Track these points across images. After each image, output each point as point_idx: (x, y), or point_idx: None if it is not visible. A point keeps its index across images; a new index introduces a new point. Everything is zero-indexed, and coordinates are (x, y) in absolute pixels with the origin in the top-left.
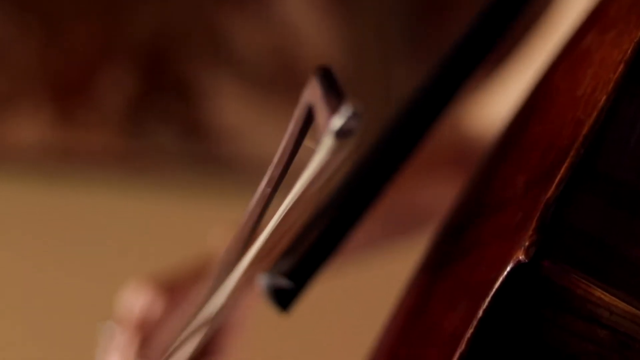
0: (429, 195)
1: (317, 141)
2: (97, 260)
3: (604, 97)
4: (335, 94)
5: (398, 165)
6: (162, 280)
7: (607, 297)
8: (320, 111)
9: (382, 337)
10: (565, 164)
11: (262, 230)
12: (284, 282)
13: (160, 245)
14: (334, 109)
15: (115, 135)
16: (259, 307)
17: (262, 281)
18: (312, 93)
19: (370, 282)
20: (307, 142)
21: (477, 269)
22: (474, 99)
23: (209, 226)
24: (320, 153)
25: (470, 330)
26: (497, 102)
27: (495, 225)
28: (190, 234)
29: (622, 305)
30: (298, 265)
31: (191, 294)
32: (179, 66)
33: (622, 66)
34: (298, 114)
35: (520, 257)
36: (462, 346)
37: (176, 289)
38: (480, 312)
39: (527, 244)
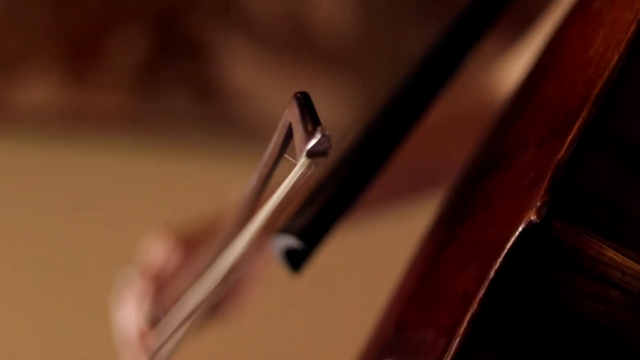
0: (444, 158)
1: (294, 156)
2: (107, 221)
3: (616, 57)
4: (310, 119)
5: (409, 125)
6: (181, 234)
7: (619, 258)
8: (297, 132)
9: (393, 298)
10: (577, 124)
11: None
12: (295, 243)
13: (170, 205)
14: (308, 133)
15: (126, 96)
16: (271, 266)
17: (274, 242)
18: (291, 113)
19: (381, 243)
20: (286, 154)
21: (488, 229)
22: (491, 64)
23: (219, 186)
24: (296, 169)
25: (482, 291)
26: (515, 67)
27: (506, 184)
28: (201, 194)
29: (635, 266)
30: (309, 225)
31: (204, 249)
32: (191, 27)
33: (633, 26)
34: (280, 128)
35: (532, 218)
36: (474, 307)
37: (193, 243)
38: (492, 273)
39: (538, 204)
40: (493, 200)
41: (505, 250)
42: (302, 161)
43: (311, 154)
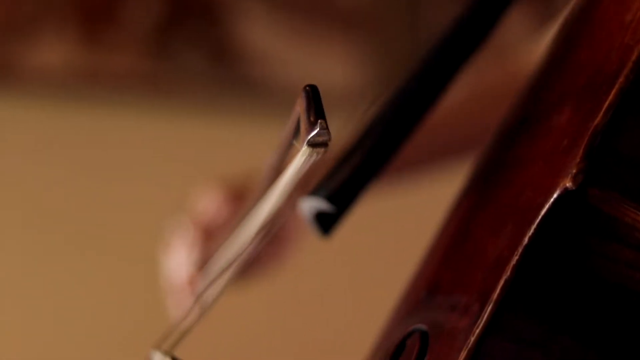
0: (477, 124)
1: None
2: (122, 182)
3: None
4: (314, 111)
5: (442, 88)
6: (233, 187)
7: None
8: (302, 122)
9: (423, 261)
10: (614, 90)
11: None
12: (325, 206)
13: (185, 167)
14: (311, 124)
15: (141, 57)
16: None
17: (304, 205)
18: (300, 104)
19: (412, 206)
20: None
21: (522, 194)
22: (529, 34)
23: (234, 147)
24: (299, 156)
25: (516, 258)
26: (547, 35)
27: (539, 149)
28: (216, 156)
29: None
30: (340, 188)
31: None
32: None
33: None
34: (291, 119)
35: (568, 185)
36: (508, 273)
37: (244, 197)
38: (526, 239)
39: (574, 171)
40: (526, 165)
41: (540, 217)
42: (304, 149)
43: (311, 143)
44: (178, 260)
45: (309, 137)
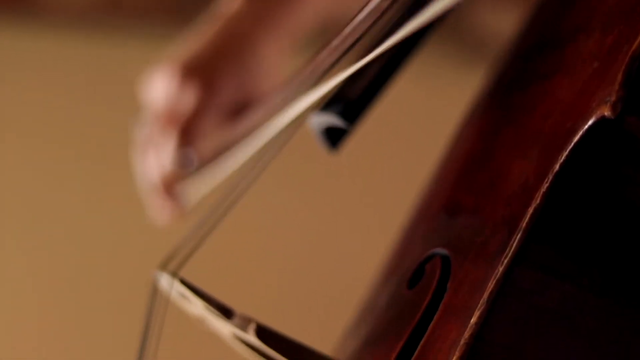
0: None
1: None
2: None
3: None
4: None
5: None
6: (187, 61)
7: None
8: None
9: (438, 179)
10: None
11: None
12: (335, 121)
13: None
14: None
15: None
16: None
17: (313, 119)
18: None
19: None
20: None
21: (550, 115)
22: None
23: None
24: None
25: (546, 185)
26: None
27: (568, 70)
28: None
29: None
30: (349, 103)
31: (226, 74)
32: None
33: None
34: None
35: (606, 113)
36: (537, 200)
37: (206, 68)
38: (557, 166)
39: (613, 98)
40: (552, 85)
41: (573, 143)
42: None
43: None
44: (148, 161)
45: None
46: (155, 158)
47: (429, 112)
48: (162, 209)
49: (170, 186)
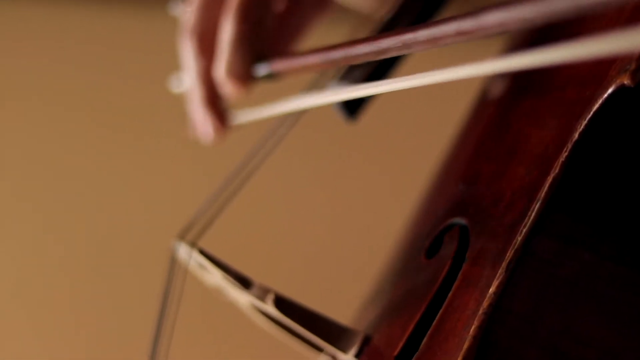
0: None
1: None
2: (156, 84)
3: None
4: None
5: None
6: None
7: None
8: None
9: (456, 150)
10: None
11: None
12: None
13: None
14: None
15: None
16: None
17: (332, 86)
18: None
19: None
20: None
21: (569, 84)
22: None
23: None
24: None
25: (565, 154)
26: None
27: (588, 33)
28: None
29: None
30: (368, 73)
31: None
32: None
33: None
34: None
35: (625, 82)
36: (556, 170)
37: None
38: (576, 135)
39: (632, 67)
40: None
41: (592, 112)
42: None
43: None
44: (189, 80)
45: None
46: (195, 75)
47: (447, 86)
48: (205, 123)
49: (216, 97)
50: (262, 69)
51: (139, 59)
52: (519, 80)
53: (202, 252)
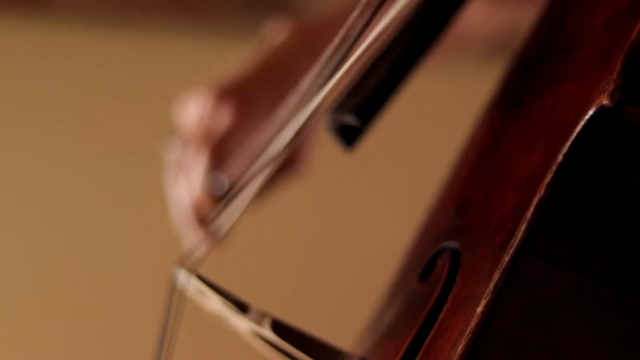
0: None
1: None
2: (156, 104)
3: None
4: None
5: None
6: (225, 85)
7: None
8: None
9: (451, 176)
10: None
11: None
12: (350, 119)
13: None
14: None
15: None
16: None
17: (328, 117)
18: None
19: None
20: None
21: (555, 110)
22: None
23: None
24: None
25: (550, 175)
26: None
27: (572, 64)
28: None
29: None
30: (366, 102)
31: (262, 100)
32: None
33: None
34: None
35: (604, 102)
36: (542, 191)
37: (242, 92)
38: (560, 157)
39: (611, 87)
40: (558, 80)
41: (575, 134)
42: None
43: None
44: (179, 187)
45: None
46: (187, 182)
47: (446, 107)
48: (195, 236)
49: (201, 212)
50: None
51: (149, 80)
52: (510, 108)
53: (200, 278)
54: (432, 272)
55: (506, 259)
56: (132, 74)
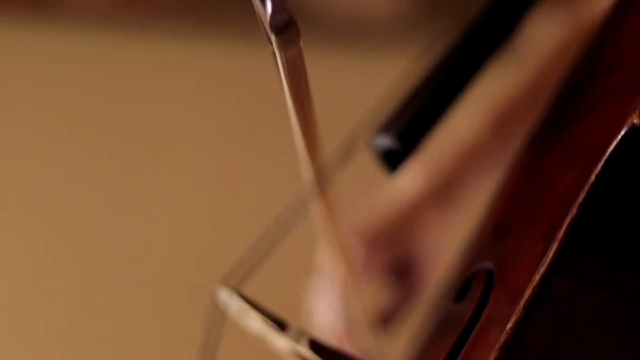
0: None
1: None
2: (164, 108)
3: None
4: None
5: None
6: (363, 232)
7: None
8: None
9: (492, 200)
10: None
11: None
12: (394, 144)
13: (228, 94)
14: (263, 11)
15: None
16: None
17: (373, 142)
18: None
19: None
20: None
21: (590, 131)
22: None
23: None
24: (277, 53)
25: (582, 195)
26: None
27: (608, 87)
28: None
29: None
30: (408, 126)
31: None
32: None
33: None
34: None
35: (635, 121)
36: (573, 211)
37: (375, 240)
38: (593, 177)
39: None
40: (595, 102)
41: (607, 154)
42: (274, 41)
43: (276, 28)
44: (325, 320)
45: (269, 22)
46: (332, 317)
47: None
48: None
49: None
50: None
51: (154, 83)
52: (553, 129)
53: (241, 296)
54: (467, 293)
55: (537, 277)
56: (138, 77)
